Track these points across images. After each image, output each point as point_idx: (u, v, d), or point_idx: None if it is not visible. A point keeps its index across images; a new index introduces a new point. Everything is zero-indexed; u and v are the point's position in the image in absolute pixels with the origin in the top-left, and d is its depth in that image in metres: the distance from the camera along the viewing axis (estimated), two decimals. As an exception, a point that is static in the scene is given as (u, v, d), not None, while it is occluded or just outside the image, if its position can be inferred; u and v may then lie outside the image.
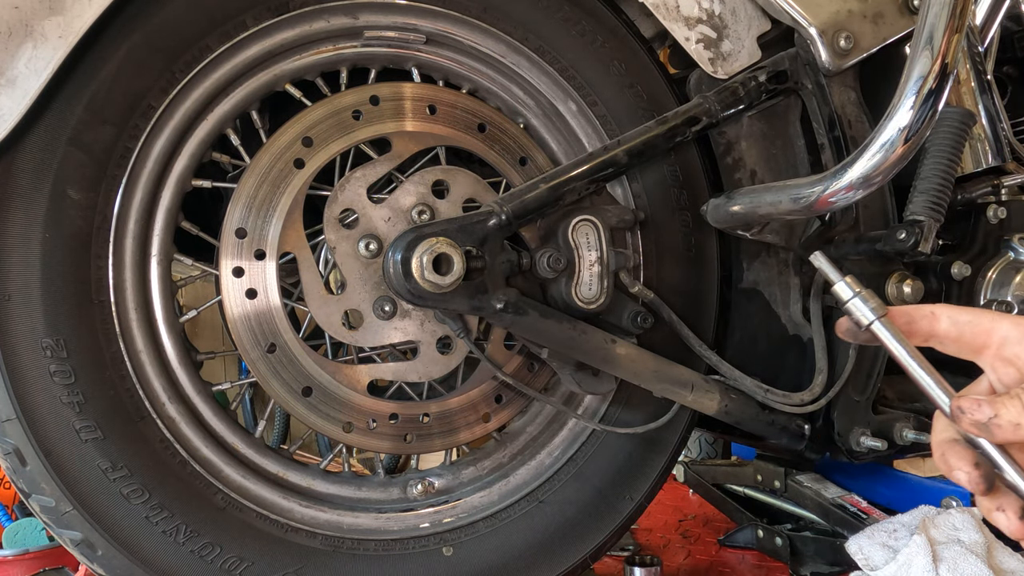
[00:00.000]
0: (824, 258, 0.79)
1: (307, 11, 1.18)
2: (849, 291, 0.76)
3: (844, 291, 0.76)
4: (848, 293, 0.76)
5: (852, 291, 0.76)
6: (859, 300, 0.75)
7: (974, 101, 1.50)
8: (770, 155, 1.40)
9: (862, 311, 0.75)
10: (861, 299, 0.75)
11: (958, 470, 0.68)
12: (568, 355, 1.24)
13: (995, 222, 1.51)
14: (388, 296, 1.20)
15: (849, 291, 0.76)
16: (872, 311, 0.75)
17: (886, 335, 0.74)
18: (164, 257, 1.14)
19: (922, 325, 0.75)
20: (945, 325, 0.74)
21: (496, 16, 1.28)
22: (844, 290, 0.76)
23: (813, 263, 0.81)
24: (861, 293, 0.75)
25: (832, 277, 0.78)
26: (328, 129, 1.21)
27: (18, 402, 1.01)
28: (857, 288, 0.76)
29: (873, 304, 0.75)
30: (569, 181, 1.22)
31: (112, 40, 1.05)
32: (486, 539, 1.28)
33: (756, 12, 1.35)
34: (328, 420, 1.21)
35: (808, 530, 1.72)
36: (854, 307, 0.76)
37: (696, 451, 2.76)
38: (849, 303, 0.76)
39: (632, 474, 1.37)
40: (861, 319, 0.75)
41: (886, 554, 1.30)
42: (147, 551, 1.07)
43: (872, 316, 0.74)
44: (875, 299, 0.75)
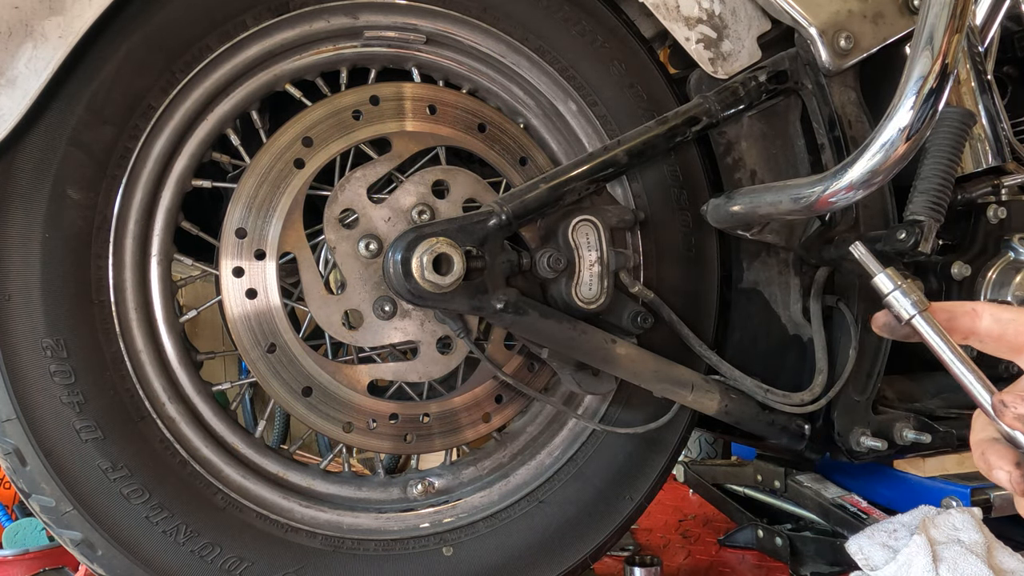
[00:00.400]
0: (864, 248, 0.77)
1: (307, 11, 1.18)
2: (891, 283, 0.74)
3: (885, 283, 0.74)
4: (889, 285, 0.74)
5: (893, 283, 0.74)
6: (900, 293, 0.73)
7: (974, 101, 1.50)
8: (770, 155, 1.40)
9: (903, 305, 0.73)
10: (902, 292, 0.73)
11: (998, 469, 0.65)
12: (568, 355, 1.24)
13: (995, 222, 1.51)
14: (388, 296, 1.20)
15: (891, 283, 0.74)
16: (913, 305, 0.72)
17: (927, 330, 0.72)
18: (164, 257, 1.14)
19: (963, 322, 0.73)
20: (987, 323, 0.72)
21: (496, 16, 1.28)
22: (885, 282, 0.74)
23: (853, 253, 0.78)
24: (903, 286, 0.73)
25: (873, 269, 0.75)
26: (328, 129, 1.21)
27: (18, 402, 1.01)
28: (899, 281, 0.74)
29: (915, 298, 0.73)
30: (569, 181, 1.22)
31: (112, 40, 1.05)
32: (486, 539, 1.28)
33: (756, 12, 1.35)
34: (328, 420, 1.21)
35: (808, 530, 1.72)
36: (895, 300, 0.73)
37: (696, 451, 2.76)
38: (890, 296, 0.74)
39: (632, 474, 1.37)
40: (902, 313, 0.73)
41: (886, 554, 1.30)
42: (147, 551, 1.07)
43: (913, 310, 0.72)
44: (917, 292, 0.73)
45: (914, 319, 0.73)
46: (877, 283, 0.75)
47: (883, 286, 0.74)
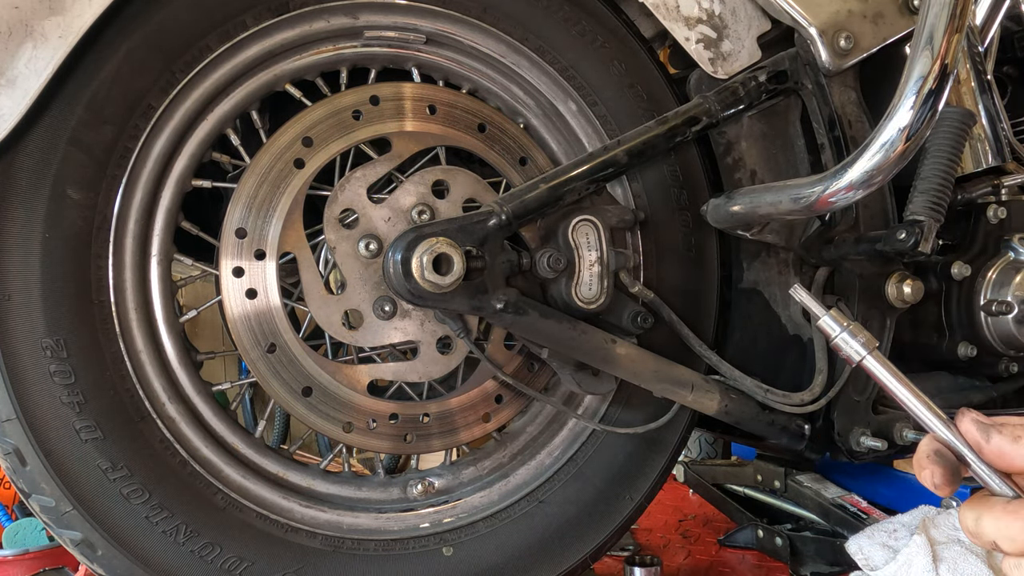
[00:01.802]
0: (804, 291, 0.75)
1: (307, 11, 1.18)
2: (837, 326, 0.72)
3: (832, 326, 0.72)
4: (836, 328, 0.72)
5: (840, 326, 0.71)
6: (847, 335, 0.71)
7: (974, 101, 1.50)
8: (770, 155, 1.40)
9: (853, 346, 0.71)
10: (849, 333, 0.71)
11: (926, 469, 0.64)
12: (568, 355, 1.24)
13: (995, 222, 1.51)
14: (388, 296, 1.20)
15: (837, 326, 0.72)
16: (863, 346, 0.71)
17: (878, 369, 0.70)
18: (164, 257, 1.14)
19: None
20: None
21: (496, 16, 1.28)
22: (831, 325, 0.72)
23: (794, 296, 0.76)
24: (849, 327, 0.71)
25: (817, 311, 0.73)
26: (328, 129, 1.21)
27: (18, 402, 1.01)
28: (845, 323, 0.71)
29: (863, 339, 0.71)
30: (569, 181, 1.22)
31: (112, 40, 1.05)
32: (486, 539, 1.28)
33: (756, 12, 1.35)
34: (328, 420, 1.21)
35: (808, 530, 1.72)
36: (843, 343, 0.71)
37: (696, 451, 2.76)
38: (838, 338, 0.71)
39: (632, 474, 1.37)
40: (852, 355, 0.71)
41: (886, 554, 1.30)
42: (147, 551, 1.07)
43: (864, 351, 0.70)
44: (864, 333, 0.71)
45: (865, 360, 0.71)
46: (822, 326, 0.72)
47: (829, 329, 0.72)
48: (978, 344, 1.49)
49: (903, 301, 1.38)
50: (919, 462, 0.66)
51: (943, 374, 1.56)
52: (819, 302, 0.75)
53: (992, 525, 0.61)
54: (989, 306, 1.46)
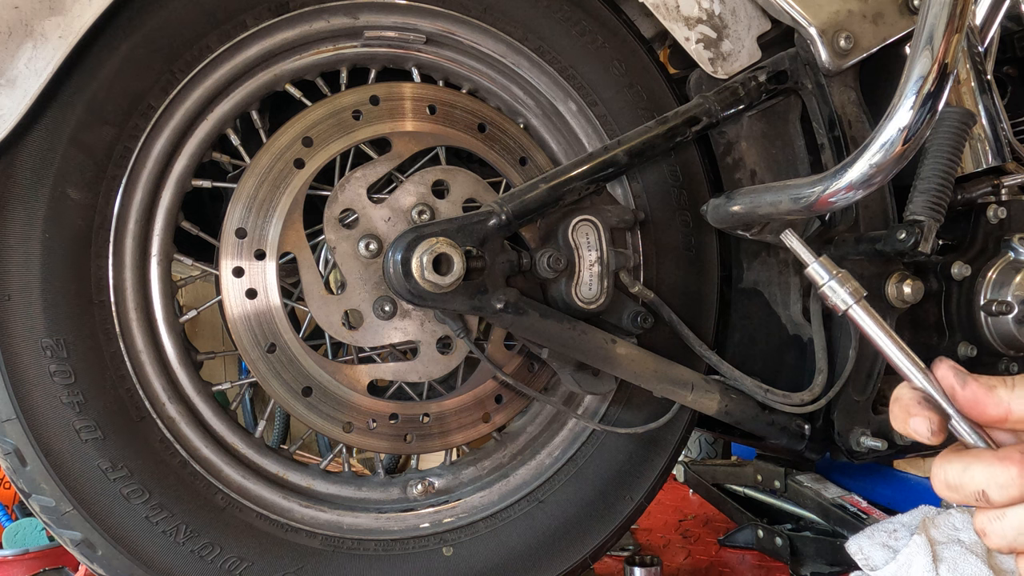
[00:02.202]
0: (795, 237, 0.74)
1: (307, 11, 1.18)
2: (825, 273, 0.71)
3: (820, 273, 0.71)
4: (824, 275, 0.71)
5: (828, 273, 0.71)
6: (835, 283, 0.71)
7: (974, 101, 1.50)
8: (770, 155, 1.40)
9: (839, 295, 0.70)
10: (838, 281, 0.70)
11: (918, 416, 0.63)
12: (568, 355, 1.24)
13: (995, 222, 1.51)
14: (388, 296, 1.20)
15: (825, 273, 0.71)
16: (850, 295, 0.70)
17: (864, 320, 0.69)
18: (164, 257, 1.14)
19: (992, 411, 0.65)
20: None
21: (496, 16, 1.28)
22: (820, 272, 0.71)
23: (784, 241, 0.75)
24: (838, 275, 0.70)
25: (806, 258, 0.72)
26: (328, 129, 1.21)
27: (18, 402, 1.01)
28: (834, 270, 0.71)
29: (850, 287, 0.70)
30: (569, 181, 1.22)
31: (112, 40, 1.05)
32: (486, 539, 1.28)
33: (756, 12, 1.35)
34: (328, 420, 1.21)
35: (808, 530, 1.73)
36: (830, 291, 0.71)
37: (696, 451, 2.77)
38: (825, 286, 0.71)
39: (632, 474, 1.37)
40: (838, 303, 0.70)
41: (886, 554, 1.30)
42: (147, 551, 1.07)
43: (851, 300, 0.70)
44: (852, 282, 0.70)
45: (851, 309, 0.70)
46: (811, 273, 0.71)
47: (817, 276, 0.71)
48: (978, 344, 1.49)
49: (903, 301, 1.38)
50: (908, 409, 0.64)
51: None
52: (808, 249, 0.73)
53: (983, 473, 0.59)
54: (989, 306, 1.46)
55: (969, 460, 0.61)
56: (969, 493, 0.60)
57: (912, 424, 0.63)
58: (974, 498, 0.60)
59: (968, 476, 0.60)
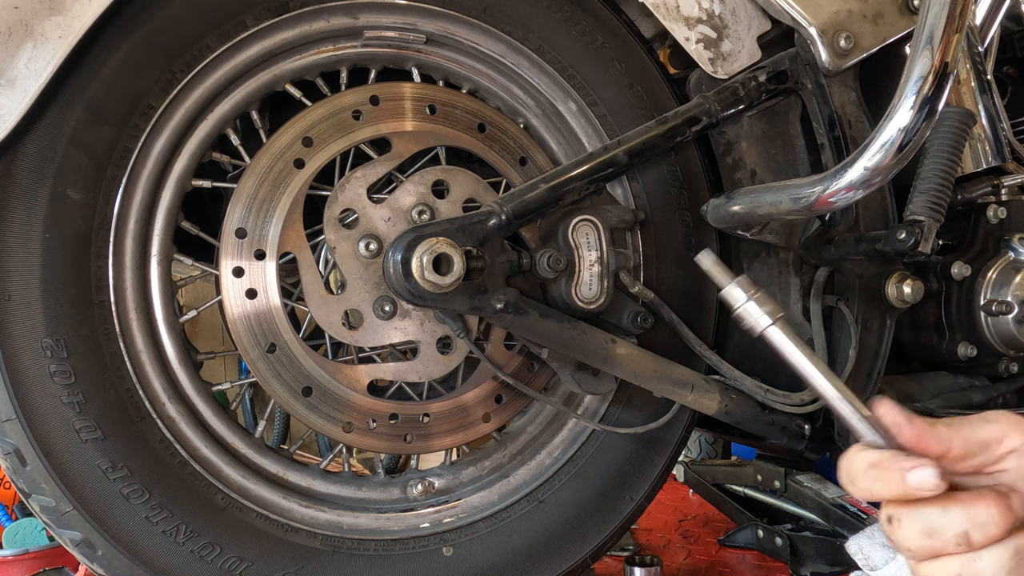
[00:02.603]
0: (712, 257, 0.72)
1: (307, 11, 1.18)
2: (743, 295, 0.69)
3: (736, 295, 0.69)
4: (741, 297, 0.69)
5: (745, 295, 0.68)
6: (753, 304, 0.68)
7: (974, 101, 1.50)
8: (770, 155, 1.40)
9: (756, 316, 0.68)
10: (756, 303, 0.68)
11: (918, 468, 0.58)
12: (568, 355, 1.23)
13: (995, 222, 1.51)
14: (388, 296, 1.20)
15: (743, 295, 0.69)
16: (767, 315, 0.68)
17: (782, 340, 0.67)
18: (164, 257, 1.14)
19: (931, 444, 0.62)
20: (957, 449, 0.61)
21: (496, 16, 1.28)
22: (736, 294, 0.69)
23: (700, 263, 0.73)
24: (756, 296, 0.68)
25: (721, 280, 0.70)
26: (328, 129, 1.21)
27: (18, 402, 1.00)
28: (751, 291, 0.68)
29: (768, 308, 0.68)
30: (569, 181, 1.22)
31: (112, 40, 1.05)
32: (486, 539, 1.28)
33: (756, 12, 1.35)
34: (328, 420, 1.21)
35: (808, 530, 1.72)
36: (747, 313, 0.68)
37: (696, 451, 2.77)
38: (741, 308, 0.69)
39: (632, 474, 1.37)
40: (755, 325, 0.68)
41: (886, 554, 1.30)
42: (147, 551, 1.07)
43: (767, 320, 0.68)
44: (770, 302, 0.68)
45: (768, 329, 0.68)
46: (726, 296, 0.69)
47: (732, 300, 0.69)
48: (978, 344, 1.49)
49: (903, 301, 1.38)
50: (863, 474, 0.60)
51: (943, 374, 1.55)
52: (725, 270, 0.71)
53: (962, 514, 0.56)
54: (989, 306, 1.46)
55: (946, 502, 0.57)
56: (950, 537, 0.57)
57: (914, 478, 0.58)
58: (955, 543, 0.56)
59: (948, 518, 0.57)
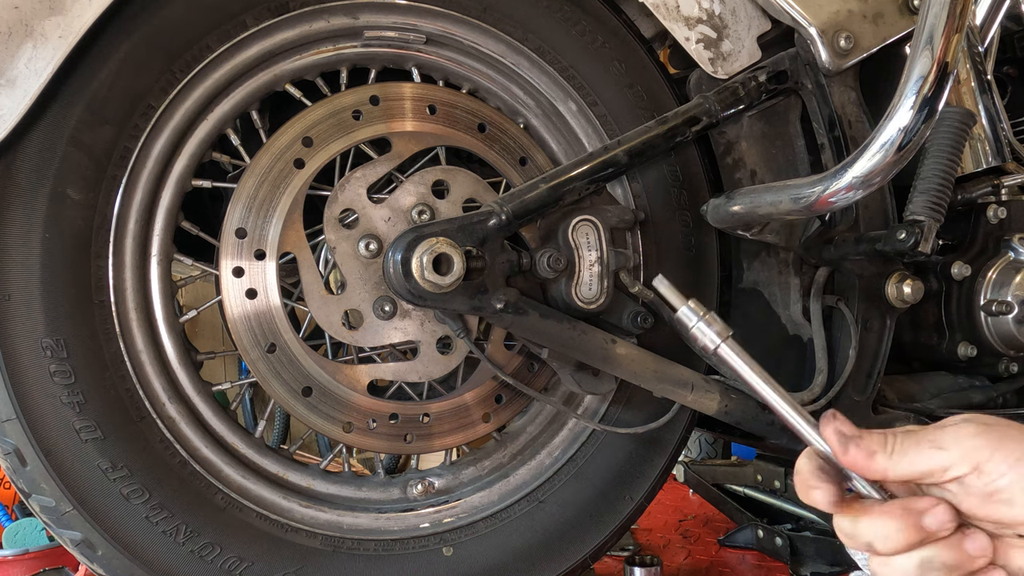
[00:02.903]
0: (666, 282, 0.77)
1: (307, 11, 1.18)
2: (694, 316, 0.74)
3: (688, 316, 0.75)
4: (693, 319, 0.74)
5: (697, 316, 0.74)
6: (703, 324, 0.74)
7: (974, 101, 1.50)
8: (770, 155, 1.40)
9: (707, 335, 0.74)
10: (705, 323, 0.74)
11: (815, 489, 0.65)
12: (568, 355, 1.23)
13: (995, 222, 1.51)
14: (388, 296, 1.20)
15: (694, 316, 0.74)
16: (717, 335, 0.73)
17: (732, 358, 0.73)
18: (164, 257, 1.14)
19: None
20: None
21: (496, 16, 1.28)
22: (688, 315, 0.75)
23: (655, 289, 0.78)
24: (705, 317, 0.74)
25: (675, 302, 0.76)
26: (328, 129, 1.21)
27: (18, 402, 1.01)
28: (701, 312, 0.74)
29: (717, 328, 0.74)
30: (569, 181, 1.22)
31: (112, 40, 1.05)
32: (486, 539, 1.28)
33: (756, 12, 1.35)
34: (328, 420, 1.21)
35: (808, 530, 1.73)
36: (699, 332, 0.74)
37: (696, 451, 2.77)
38: (694, 328, 0.74)
39: (632, 474, 1.37)
40: (707, 343, 0.74)
41: (886, 554, 1.30)
42: (147, 551, 1.07)
43: (717, 340, 0.73)
44: (719, 322, 0.74)
45: (719, 348, 0.73)
46: (680, 317, 0.75)
47: (686, 319, 0.75)
48: (978, 344, 1.49)
49: (903, 301, 1.38)
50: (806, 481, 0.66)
51: (943, 374, 1.55)
52: (678, 294, 0.77)
53: (867, 527, 0.63)
54: (989, 306, 1.46)
55: (857, 514, 0.64)
56: (861, 543, 0.64)
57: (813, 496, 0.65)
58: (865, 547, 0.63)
59: (857, 529, 0.64)
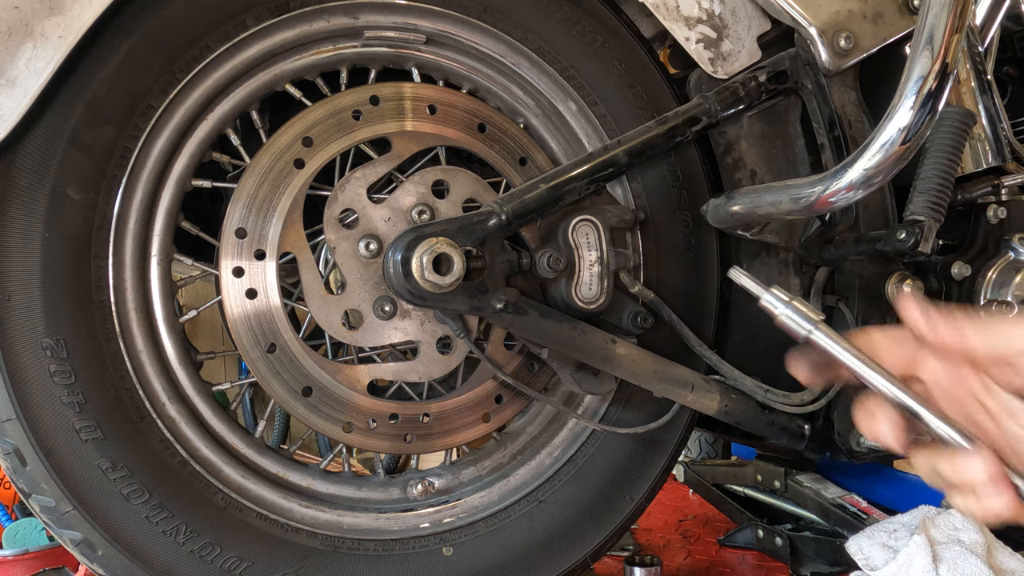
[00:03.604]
0: (742, 273, 0.76)
1: (307, 11, 1.18)
2: (780, 302, 0.73)
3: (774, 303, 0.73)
4: (779, 305, 0.73)
5: (783, 302, 0.73)
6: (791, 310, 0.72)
7: (974, 101, 1.50)
8: (770, 155, 1.40)
9: (798, 321, 0.72)
10: (793, 309, 0.72)
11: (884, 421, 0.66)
12: (568, 355, 1.24)
13: (995, 222, 1.51)
14: (388, 296, 1.20)
15: (780, 302, 0.73)
16: (807, 320, 0.71)
17: (826, 341, 0.71)
18: (164, 257, 1.14)
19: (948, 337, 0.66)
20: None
21: (496, 16, 1.28)
22: (774, 302, 0.73)
23: (732, 278, 0.77)
24: (792, 302, 0.72)
25: (756, 291, 0.74)
26: (328, 129, 1.21)
27: (18, 402, 1.01)
28: (788, 297, 0.72)
29: (807, 310, 0.72)
30: (569, 181, 1.22)
31: (112, 40, 1.05)
32: (486, 539, 1.28)
33: (756, 12, 1.35)
34: (328, 420, 1.21)
35: (808, 530, 1.73)
36: (788, 319, 0.72)
37: (696, 451, 2.76)
38: (781, 315, 0.72)
39: (632, 474, 1.37)
40: (798, 330, 0.72)
41: (886, 554, 1.30)
42: (147, 551, 1.07)
43: (809, 325, 0.71)
44: (807, 305, 0.72)
45: (812, 334, 0.71)
46: (765, 304, 0.73)
47: (772, 307, 0.73)
48: (978, 344, 1.49)
49: (903, 301, 1.38)
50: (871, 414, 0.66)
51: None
52: (758, 282, 0.75)
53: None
54: (989, 306, 1.46)
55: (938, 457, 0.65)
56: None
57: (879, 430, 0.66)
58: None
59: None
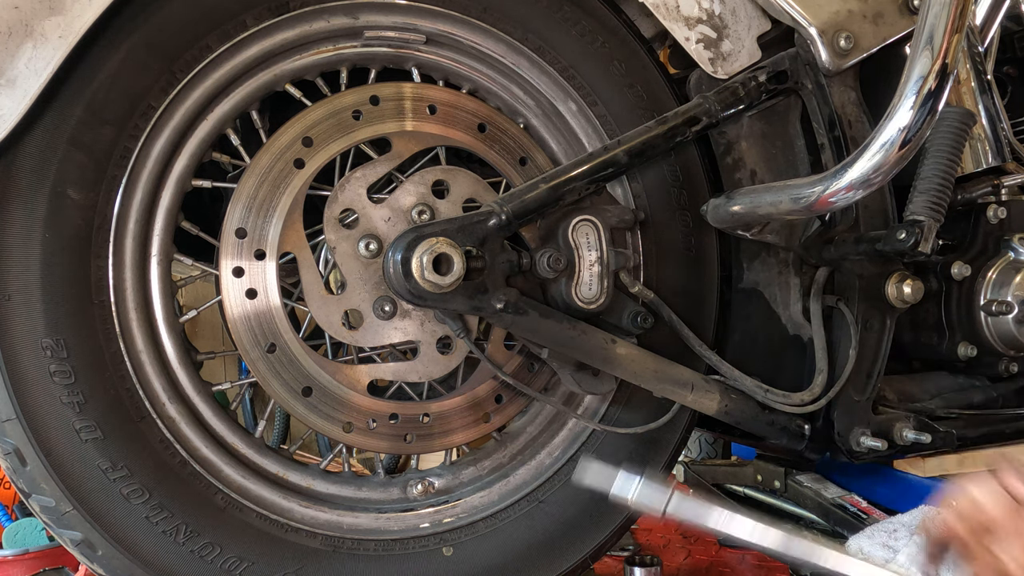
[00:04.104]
0: (593, 462, 0.76)
1: (307, 11, 1.18)
2: (628, 487, 0.71)
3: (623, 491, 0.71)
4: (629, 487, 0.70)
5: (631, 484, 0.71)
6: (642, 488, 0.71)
7: (974, 101, 1.50)
8: (770, 155, 1.40)
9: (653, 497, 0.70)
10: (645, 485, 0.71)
11: None
12: (568, 355, 1.24)
13: (995, 222, 1.52)
14: (388, 296, 1.20)
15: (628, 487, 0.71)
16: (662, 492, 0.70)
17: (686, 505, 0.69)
18: (164, 257, 1.14)
19: None
20: None
21: (496, 16, 1.28)
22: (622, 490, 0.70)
23: (580, 482, 0.75)
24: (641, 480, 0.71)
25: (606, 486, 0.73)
26: (328, 129, 1.21)
27: (18, 402, 1.01)
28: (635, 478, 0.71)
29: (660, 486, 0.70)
30: (569, 181, 1.22)
31: (112, 40, 1.05)
32: (486, 539, 1.28)
33: (756, 12, 1.35)
34: (328, 420, 1.21)
35: (808, 530, 1.72)
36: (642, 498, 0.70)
37: (696, 451, 2.76)
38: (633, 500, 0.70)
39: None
40: (657, 505, 0.70)
41: (886, 554, 1.30)
42: (147, 551, 1.07)
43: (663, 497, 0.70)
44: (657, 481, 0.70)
45: (669, 504, 0.72)
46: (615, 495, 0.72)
47: (624, 495, 0.72)
48: (978, 344, 1.49)
49: (903, 301, 1.38)
50: None
51: (943, 374, 1.55)
52: (606, 472, 0.73)
53: None
54: (989, 306, 1.46)
55: None
56: None
57: None
58: None
59: None
